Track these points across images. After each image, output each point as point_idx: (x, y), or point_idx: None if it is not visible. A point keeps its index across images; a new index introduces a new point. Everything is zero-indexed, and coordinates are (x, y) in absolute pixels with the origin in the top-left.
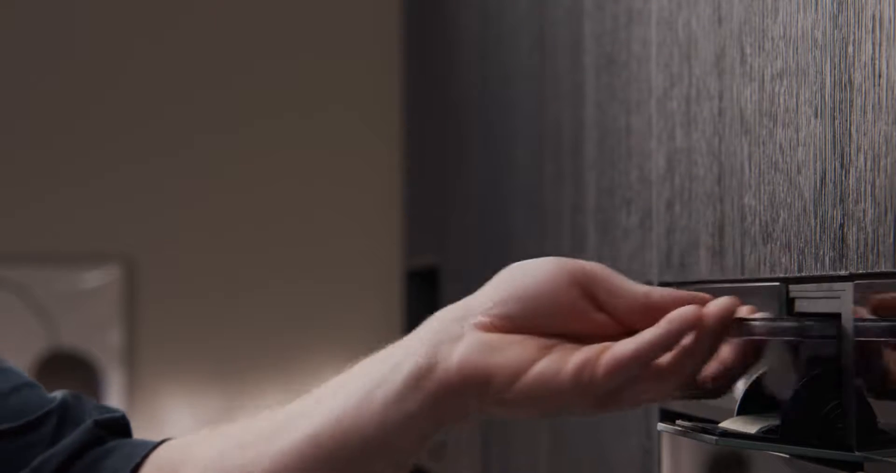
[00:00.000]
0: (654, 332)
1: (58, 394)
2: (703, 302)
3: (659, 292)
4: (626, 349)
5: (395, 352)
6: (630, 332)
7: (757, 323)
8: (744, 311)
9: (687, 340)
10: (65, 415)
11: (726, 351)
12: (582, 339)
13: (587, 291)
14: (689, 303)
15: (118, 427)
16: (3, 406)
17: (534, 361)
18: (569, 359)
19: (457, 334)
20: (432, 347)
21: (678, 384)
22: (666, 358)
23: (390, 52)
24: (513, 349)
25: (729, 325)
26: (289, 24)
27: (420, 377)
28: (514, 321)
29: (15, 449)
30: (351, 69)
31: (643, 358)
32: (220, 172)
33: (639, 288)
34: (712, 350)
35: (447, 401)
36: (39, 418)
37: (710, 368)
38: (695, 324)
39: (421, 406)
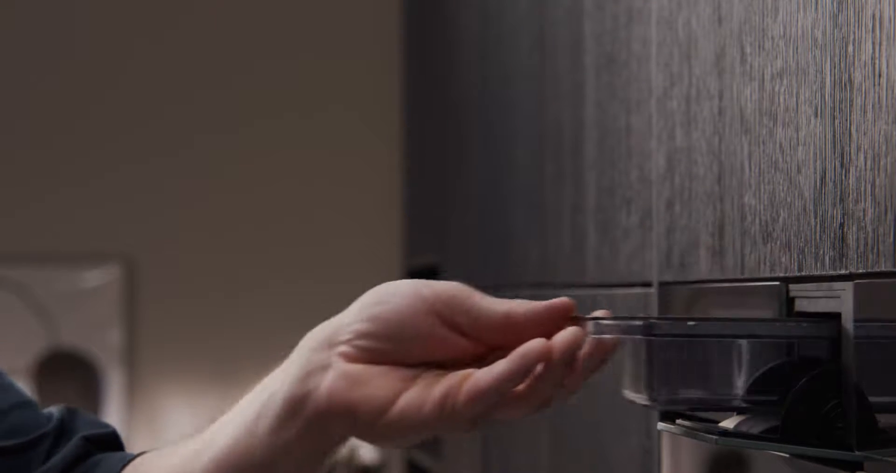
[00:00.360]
0: (506, 366)
1: (54, 411)
2: (564, 313)
3: (522, 311)
4: (484, 382)
5: (273, 381)
6: (495, 350)
7: (607, 322)
8: (597, 313)
9: (539, 368)
10: (60, 433)
11: (582, 353)
12: (446, 364)
13: (446, 317)
14: (548, 317)
15: (107, 441)
16: (6, 424)
17: (398, 393)
18: (432, 390)
19: (325, 363)
20: (303, 377)
21: (538, 403)
22: (522, 385)
23: (390, 52)
24: (377, 382)
25: (576, 352)
26: (289, 24)
27: (294, 407)
28: (376, 353)
29: (12, 468)
30: (351, 69)
31: (500, 390)
32: (220, 172)
33: (499, 308)
34: (565, 373)
35: (321, 430)
36: (38, 438)
37: (568, 378)
38: (544, 357)
39: (298, 434)
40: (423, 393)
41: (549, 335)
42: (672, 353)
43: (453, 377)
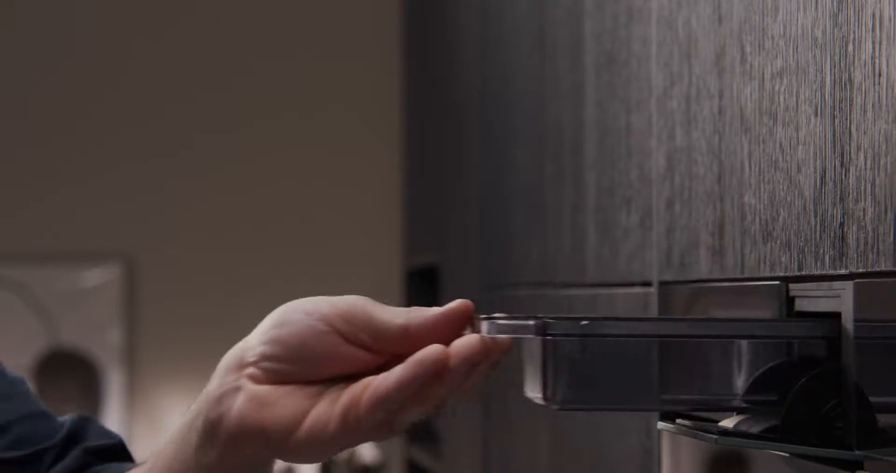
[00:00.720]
0: (402, 372)
1: (67, 420)
2: (461, 316)
3: (418, 322)
4: (383, 388)
5: (198, 401)
6: (400, 357)
7: (502, 322)
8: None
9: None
10: (67, 445)
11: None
12: (352, 377)
13: (349, 335)
14: (445, 326)
15: (111, 452)
16: (13, 434)
17: (305, 412)
18: (335, 405)
19: (235, 385)
20: (218, 398)
21: (440, 404)
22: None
23: (390, 52)
24: (283, 403)
25: (475, 360)
26: (289, 24)
27: (211, 430)
28: (281, 374)
29: None
30: (351, 69)
31: (399, 395)
32: (220, 172)
33: (396, 321)
34: (464, 378)
35: (236, 451)
36: (41, 450)
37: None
38: (441, 363)
39: (218, 456)
40: (329, 409)
41: (450, 339)
42: (569, 351)
43: (355, 388)
